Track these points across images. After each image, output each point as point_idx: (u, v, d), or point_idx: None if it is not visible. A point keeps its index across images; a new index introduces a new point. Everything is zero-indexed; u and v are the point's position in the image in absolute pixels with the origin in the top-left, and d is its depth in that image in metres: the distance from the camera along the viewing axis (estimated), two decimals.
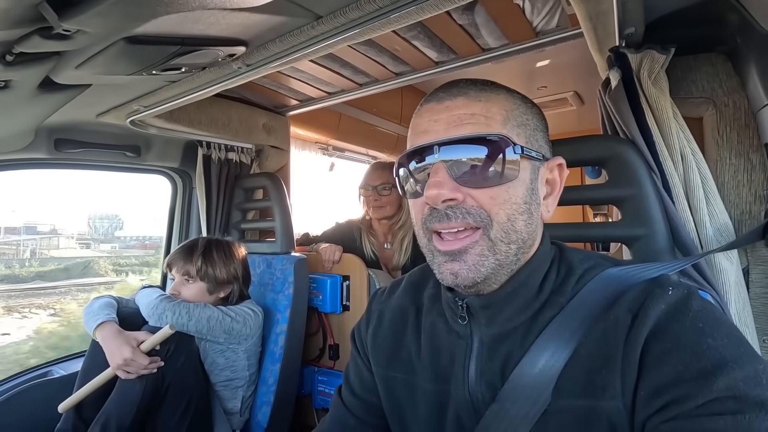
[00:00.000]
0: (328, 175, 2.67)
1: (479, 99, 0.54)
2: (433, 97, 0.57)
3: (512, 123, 0.54)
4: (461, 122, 0.53)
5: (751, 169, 0.82)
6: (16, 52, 0.73)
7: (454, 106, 0.54)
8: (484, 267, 0.52)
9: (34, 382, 1.42)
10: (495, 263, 0.53)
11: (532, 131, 0.56)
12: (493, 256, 0.52)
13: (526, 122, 0.56)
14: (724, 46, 0.85)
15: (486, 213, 0.52)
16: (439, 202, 0.52)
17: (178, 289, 1.37)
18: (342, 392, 0.74)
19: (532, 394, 0.50)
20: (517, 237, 0.53)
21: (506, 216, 0.52)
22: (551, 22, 1.17)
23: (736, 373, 0.42)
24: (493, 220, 0.52)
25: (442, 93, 0.56)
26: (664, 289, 0.51)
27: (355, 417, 0.70)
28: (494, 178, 0.52)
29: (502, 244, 0.52)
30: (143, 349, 1.17)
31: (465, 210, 0.52)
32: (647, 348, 0.47)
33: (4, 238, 8.34)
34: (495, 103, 0.54)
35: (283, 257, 1.66)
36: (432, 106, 0.56)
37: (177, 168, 1.81)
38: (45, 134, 1.38)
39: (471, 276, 0.52)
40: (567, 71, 2.21)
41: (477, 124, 0.53)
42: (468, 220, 0.52)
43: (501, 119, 0.53)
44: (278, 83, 1.64)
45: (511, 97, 0.57)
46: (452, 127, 0.53)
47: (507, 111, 0.54)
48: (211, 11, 0.68)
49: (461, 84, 0.56)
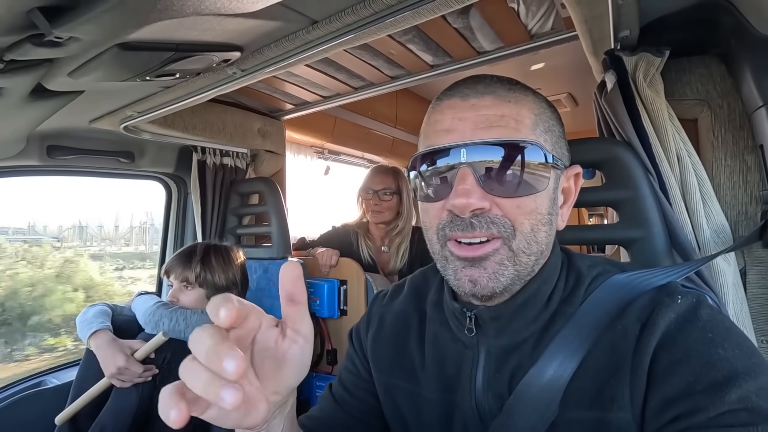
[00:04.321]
0: (324, 179, 2.67)
1: (509, 100, 0.51)
2: (456, 92, 0.53)
3: (540, 128, 0.51)
4: (490, 124, 0.49)
5: (746, 170, 0.82)
6: (7, 60, 0.72)
7: (482, 105, 0.50)
8: (504, 276, 0.50)
9: (27, 393, 1.39)
10: (514, 274, 0.50)
11: (557, 138, 0.54)
12: (513, 267, 0.50)
13: (552, 128, 0.53)
14: (718, 49, 0.85)
15: (510, 223, 0.49)
16: (467, 212, 0.48)
17: (177, 296, 1.35)
18: (333, 387, 0.72)
19: (540, 405, 0.49)
20: (537, 248, 0.51)
21: (530, 226, 0.50)
22: (546, 25, 1.18)
23: (749, 384, 0.41)
24: (517, 230, 0.49)
25: (467, 89, 0.52)
26: (672, 298, 0.50)
27: (343, 411, 0.68)
28: (524, 187, 0.49)
29: (523, 255, 0.50)
30: (137, 357, 1.15)
31: (490, 219, 0.49)
32: (656, 358, 0.46)
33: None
34: (524, 105, 0.51)
35: (279, 262, 1.65)
36: (455, 102, 0.52)
37: (171, 174, 1.80)
38: (37, 141, 1.36)
39: (491, 285, 0.50)
40: (561, 73, 2.22)
41: (507, 128, 0.49)
42: (492, 230, 0.49)
43: (530, 124, 0.50)
44: (273, 87, 1.64)
45: (539, 100, 0.54)
46: (480, 129, 0.49)
47: (536, 115, 0.51)
48: (206, 17, 0.68)
49: (487, 81, 0.52)
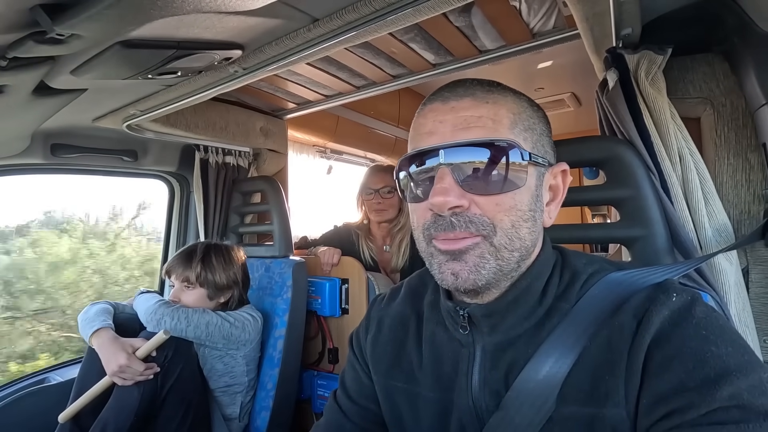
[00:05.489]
0: (326, 178, 2.67)
1: (486, 101, 0.52)
2: (438, 97, 0.55)
3: (519, 127, 0.52)
4: (468, 125, 0.51)
5: (749, 169, 0.82)
6: (9, 57, 0.72)
7: (461, 107, 0.52)
8: (485, 270, 0.51)
9: (30, 389, 1.40)
10: (496, 268, 0.51)
11: (538, 136, 0.55)
12: (495, 261, 0.51)
13: (533, 126, 0.54)
14: (721, 46, 0.85)
15: (489, 221, 0.50)
16: (446, 210, 0.50)
17: (178, 296, 1.36)
18: (338, 396, 0.72)
19: (537, 401, 0.49)
20: (520, 244, 0.52)
21: (511, 223, 0.51)
22: (548, 23, 1.17)
23: (740, 382, 0.41)
24: (497, 227, 0.50)
25: (448, 92, 0.54)
26: (668, 295, 0.50)
27: (351, 422, 0.68)
28: (501, 184, 0.50)
29: (505, 250, 0.51)
30: (139, 355, 1.16)
31: (468, 219, 0.50)
32: (650, 355, 0.46)
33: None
34: (503, 105, 0.52)
35: (281, 261, 1.65)
36: (436, 106, 0.54)
37: (174, 172, 1.80)
38: (41, 139, 1.37)
39: (472, 277, 0.51)
40: (564, 72, 2.21)
41: (484, 128, 0.51)
42: (470, 229, 0.50)
43: (508, 123, 0.52)
44: (275, 86, 1.64)
45: (518, 99, 0.55)
46: (459, 130, 0.51)
47: (515, 114, 0.53)
48: (207, 15, 0.68)
49: (467, 84, 0.54)
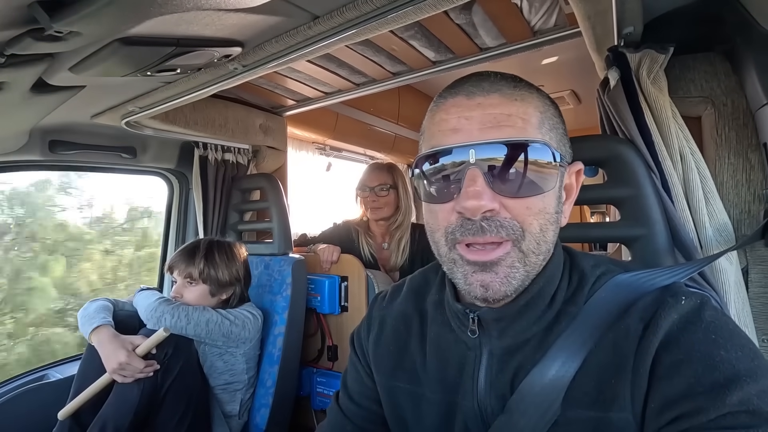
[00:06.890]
0: (326, 176, 2.67)
1: (515, 98, 0.50)
2: (461, 90, 0.52)
3: (546, 127, 0.51)
4: (498, 123, 0.48)
5: (750, 169, 0.82)
6: (7, 54, 0.71)
7: (489, 104, 0.49)
8: (515, 279, 0.49)
9: (29, 386, 1.40)
10: (524, 275, 0.50)
11: (561, 135, 0.53)
12: (524, 267, 0.50)
13: (557, 126, 0.53)
14: (723, 46, 0.84)
15: (519, 225, 0.49)
16: (478, 214, 0.48)
17: (181, 292, 1.35)
18: (340, 398, 0.72)
19: (542, 404, 0.49)
20: (546, 248, 0.51)
21: (539, 226, 0.50)
22: (549, 21, 1.17)
23: (750, 386, 0.40)
24: (526, 231, 0.49)
25: (472, 87, 0.51)
26: (676, 299, 0.49)
27: (353, 423, 0.68)
28: (533, 187, 0.49)
29: (533, 255, 0.50)
30: (138, 352, 1.16)
31: (499, 223, 0.48)
32: (658, 358, 0.46)
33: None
34: (530, 104, 0.51)
35: (280, 258, 1.65)
36: (460, 100, 0.51)
37: (173, 169, 1.80)
38: (39, 136, 1.37)
39: (503, 289, 0.49)
40: (564, 70, 2.20)
41: (514, 127, 0.48)
42: (501, 234, 0.48)
43: (536, 122, 0.50)
44: (275, 83, 1.63)
45: (542, 97, 0.53)
46: (488, 129, 0.48)
47: (541, 113, 0.51)
48: (206, 12, 0.67)
49: (492, 78, 0.52)
